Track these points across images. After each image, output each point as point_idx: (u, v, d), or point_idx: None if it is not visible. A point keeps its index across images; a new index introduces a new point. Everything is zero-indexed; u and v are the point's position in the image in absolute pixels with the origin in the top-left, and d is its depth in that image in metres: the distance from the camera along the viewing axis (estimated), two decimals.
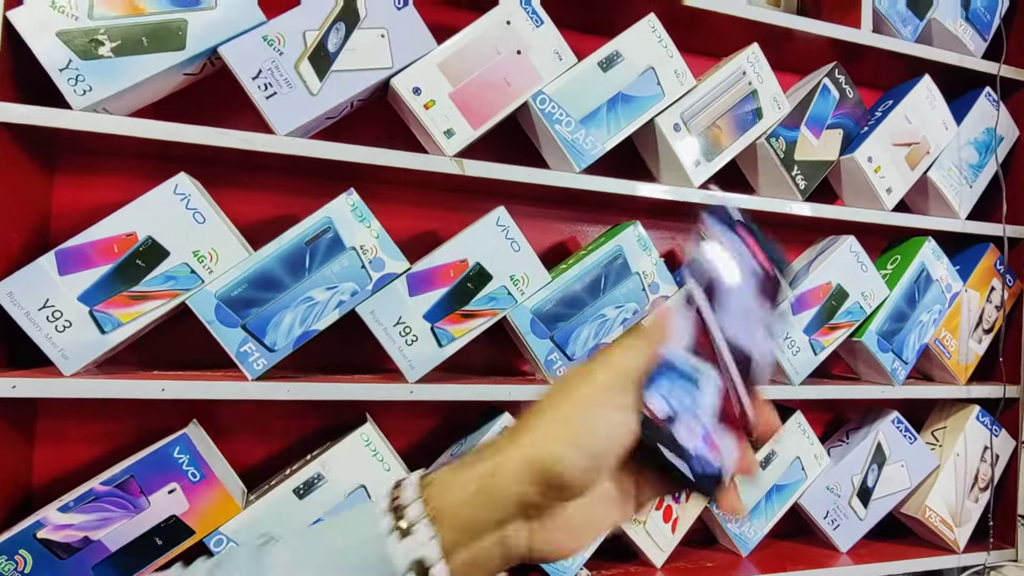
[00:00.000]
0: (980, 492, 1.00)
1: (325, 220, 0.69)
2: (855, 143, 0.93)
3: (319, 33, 0.69)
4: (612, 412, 0.30)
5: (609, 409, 0.30)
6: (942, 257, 0.97)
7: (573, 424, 0.30)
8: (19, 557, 0.62)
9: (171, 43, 0.65)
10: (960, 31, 0.99)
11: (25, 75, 0.65)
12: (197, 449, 0.67)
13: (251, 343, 0.68)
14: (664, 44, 0.81)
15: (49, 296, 0.63)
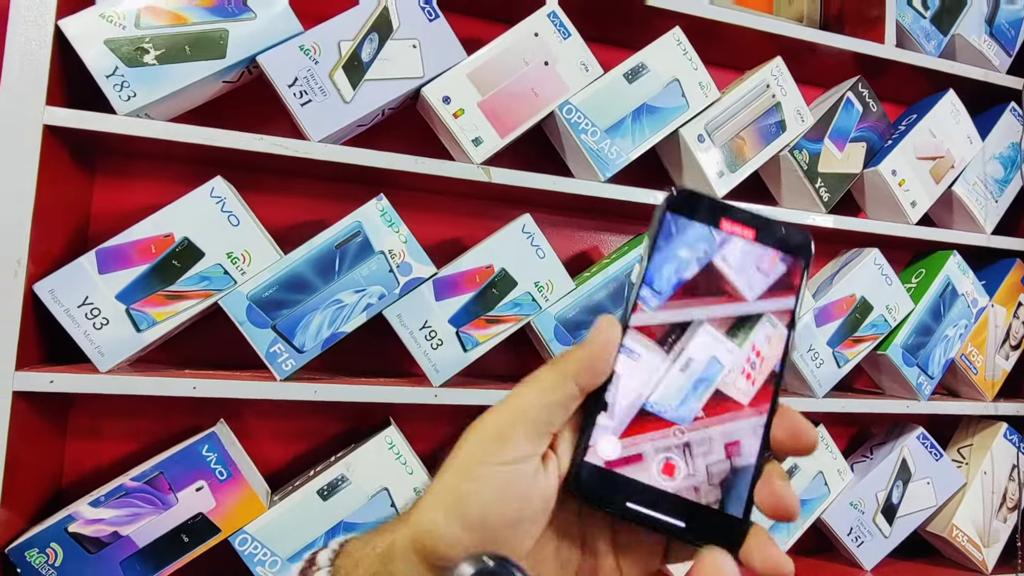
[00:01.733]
0: (1009, 512, 0.98)
1: (355, 224, 0.71)
2: (879, 156, 0.93)
3: (353, 43, 0.71)
4: (498, 470, 0.24)
5: (493, 466, 0.24)
6: (968, 271, 0.96)
7: (452, 490, 0.24)
8: (50, 550, 0.63)
9: (212, 52, 0.67)
10: (984, 47, 0.99)
11: (70, 81, 0.67)
12: (225, 448, 0.68)
13: (280, 344, 0.69)
14: (689, 57, 0.82)
15: (88, 294, 0.64)
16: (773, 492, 0.25)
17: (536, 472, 0.24)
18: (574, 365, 0.25)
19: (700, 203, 0.28)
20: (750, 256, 0.28)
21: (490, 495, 0.23)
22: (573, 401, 0.25)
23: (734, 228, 0.28)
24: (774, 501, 0.24)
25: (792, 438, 0.25)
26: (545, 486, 0.24)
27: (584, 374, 0.25)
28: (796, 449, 0.25)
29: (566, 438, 0.26)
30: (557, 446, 0.26)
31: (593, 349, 0.25)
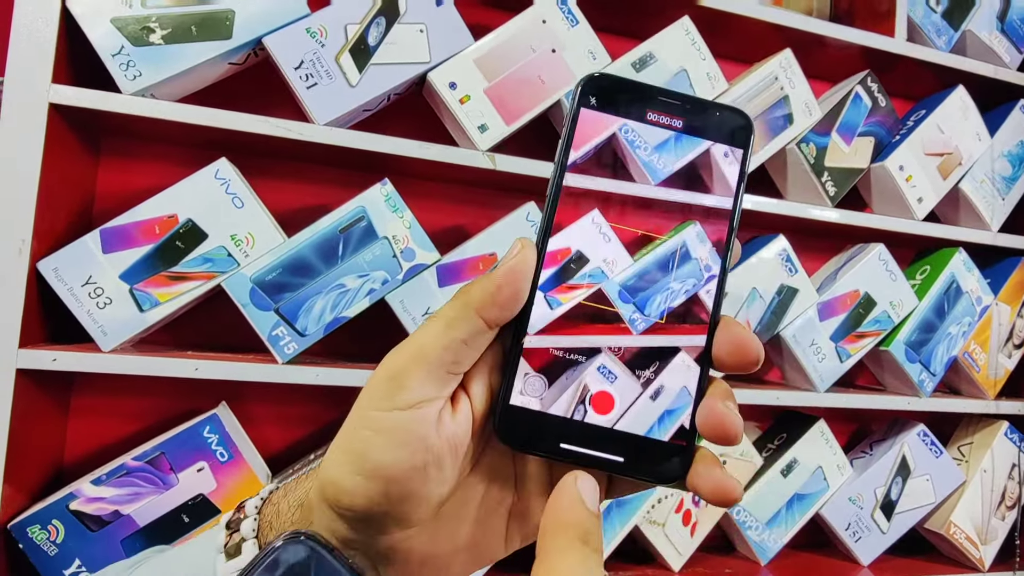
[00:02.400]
0: (1007, 510, 0.98)
1: (359, 209, 0.71)
2: (886, 151, 0.93)
3: (360, 26, 0.71)
4: (394, 415, 0.22)
5: (388, 412, 0.22)
6: (973, 269, 0.96)
7: (349, 438, 0.22)
8: (52, 527, 0.63)
9: (218, 32, 0.67)
10: (995, 43, 0.99)
11: (76, 60, 0.67)
12: (226, 430, 0.68)
13: (283, 327, 0.69)
14: (697, 47, 0.81)
15: (92, 273, 0.64)
16: (711, 413, 0.23)
17: (441, 416, 0.22)
18: (478, 296, 0.22)
19: (618, 91, 0.24)
20: (681, 150, 0.24)
21: (387, 442, 0.21)
22: (480, 337, 0.22)
23: (660, 118, 0.24)
24: (712, 423, 0.22)
25: (735, 352, 0.23)
26: (453, 431, 0.22)
27: (489, 306, 0.22)
28: (740, 364, 0.23)
29: (481, 376, 0.24)
30: (470, 385, 0.23)
31: (498, 277, 0.22)
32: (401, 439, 0.22)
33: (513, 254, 0.23)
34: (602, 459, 0.23)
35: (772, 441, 0.96)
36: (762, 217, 0.89)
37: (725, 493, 0.22)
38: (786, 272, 0.86)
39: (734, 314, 0.84)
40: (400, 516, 0.23)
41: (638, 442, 0.23)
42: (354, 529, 0.23)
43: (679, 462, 0.23)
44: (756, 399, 0.85)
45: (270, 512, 0.26)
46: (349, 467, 0.22)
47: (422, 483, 0.22)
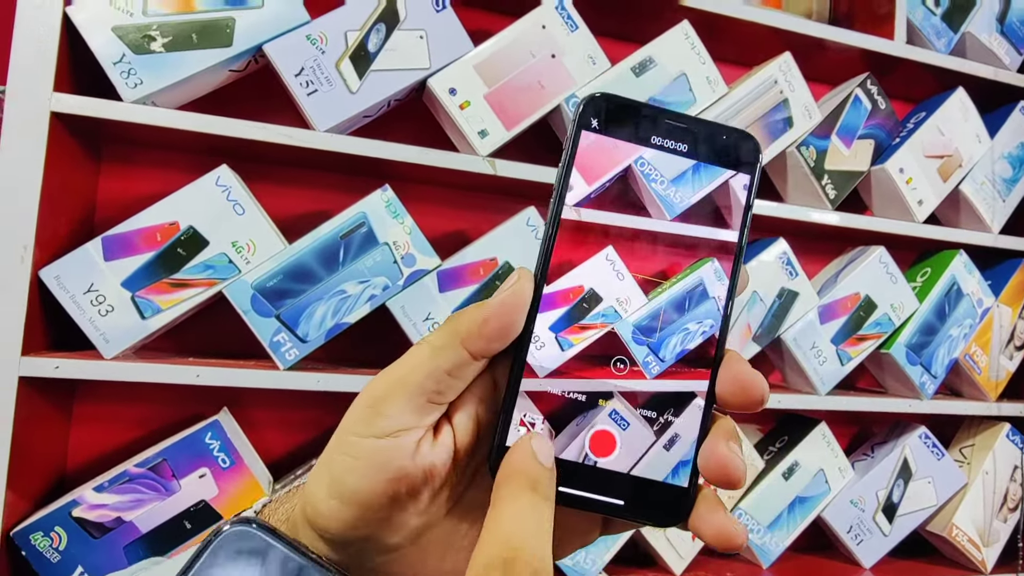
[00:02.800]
0: (1009, 512, 0.98)
1: (360, 215, 0.71)
2: (886, 154, 0.93)
3: (360, 33, 0.71)
4: (371, 443, 0.21)
5: (366, 438, 0.21)
6: (974, 271, 0.96)
7: (329, 462, 0.22)
8: (55, 534, 0.64)
9: (219, 40, 0.67)
10: (995, 45, 0.99)
11: (77, 68, 0.67)
12: (228, 436, 0.69)
13: (284, 333, 0.69)
14: (697, 51, 0.81)
15: (94, 280, 0.65)
16: (713, 455, 0.22)
17: (419, 446, 0.22)
18: (465, 326, 0.22)
19: (620, 114, 0.23)
20: (688, 177, 0.23)
21: (362, 469, 0.21)
22: (466, 368, 0.22)
23: (665, 143, 0.23)
24: (714, 466, 0.22)
25: (739, 392, 0.22)
26: (431, 461, 0.22)
27: (476, 338, 0.21)
28: (744, 404, 0.22)
29: (468, 406, 0.23)
30: (455, 415, 0.23)
31: (487, 309, 0.22)
32: (376, 466, 0.21)
33: (508, 286, 0.22)
34: (602, 502, 0.22)
35: (773, 444, 0.96)
36: (762, 220, 0.89)
37: (729, 538, 0.21)
38: (786, 275, 0.86)
39: (735, 318, 0.84)
40: (377, 541, 0.22)
41: (638, 485, 0.22)
42: (335, 550, 0.23)
43: (681, 504, 0.22)
44: None
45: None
46: (326, 490, 0.22)
47: (397, 510, 0.22)
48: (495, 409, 0.24)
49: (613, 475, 0.22)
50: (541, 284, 0.23)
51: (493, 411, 0.24)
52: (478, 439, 0.24)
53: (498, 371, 0.24)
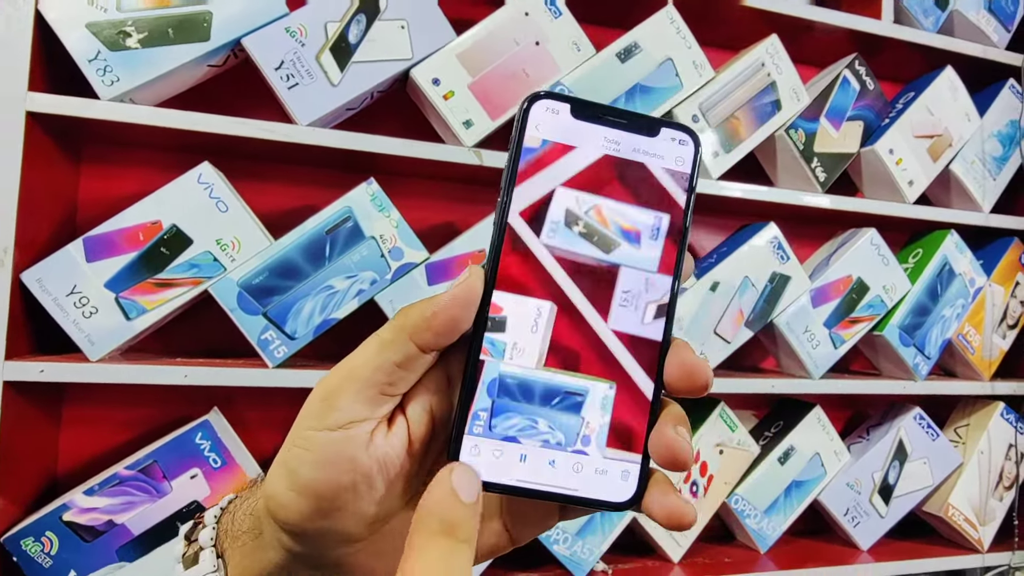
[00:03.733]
0: (1005, 491, 0.98)
1: (345, 210, 0.70)
2: (876, 135, 0.92)
3: (340, 24, 0.70)
4: (324, 435, 0.22)
5: (319, 431, 0.22)
6: (965, 251, 0.95)
7: (285, 455, 0.23)
8: (46, 539, 0.63)
9: (196, 34, 0.66)
10: (983, 22, 0.98)
11: (53, 66, 0.66)
12: (218, 436, 0.68)
13: (272, 331, 0.68)
14: (683, 35, 0.80)
15: (77, 282, 0.64)
16: (662, 439, 0.23)
17: (372, 437, 0.22)
18: (413, 320, 0.22)
19: (565, 111, 0.24)
20: (631, 169, 0.24)
21: (316, 460, 0.22)
22: (416, 361, 0.22)
23: (608, 137, 0.24)
24: (663, 450, 0.22)
25: (685, 377, 0.23)
26: (385, 452, 0.22)
27: (423, 331, 0.22)
28: (690, 389, 0.23)
29: (422, 398, 0.23)
30: (408, 407, 0.23)
31: (436, 303, 0.22)
32: (329, 458, 0.22)
33: (458, 282, 0.22)
34: (557, 492, 0.23)
35: (769, 429, 0.95)
36: (752, 205, 0.89)
37: (680, 518, 0.22)
38: (778, 260, 0.86)
39: (726, 303, 0.83)
40: (337, 532, 0.23)
41: (592, 471, 0.23)
42: (296, 542, 0.23)
43: (634, 488, 0.23)
44: (752, 387, 0.85)
45: (227, 521, 0.26)
46: (284, 482, 0.22)
47: (353, 501, 0.22)
48: (450, 400, 0.24)
49: (566, 463, 0.23)
50: (492, 281, 0.23)
51: (448, 402, 0.24)
52: (434, 429, 0.24)
53: (452, 363, 0.24)
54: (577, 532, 0.80)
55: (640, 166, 0.24)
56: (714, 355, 0.83)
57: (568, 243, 0.24)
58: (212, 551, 0.25)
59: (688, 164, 0.24)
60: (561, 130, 0.24)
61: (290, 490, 0.22)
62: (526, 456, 0.23)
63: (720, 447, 0.86)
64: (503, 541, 0.25)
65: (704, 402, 0.90)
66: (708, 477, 0.86)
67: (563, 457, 0.23)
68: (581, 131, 0.24)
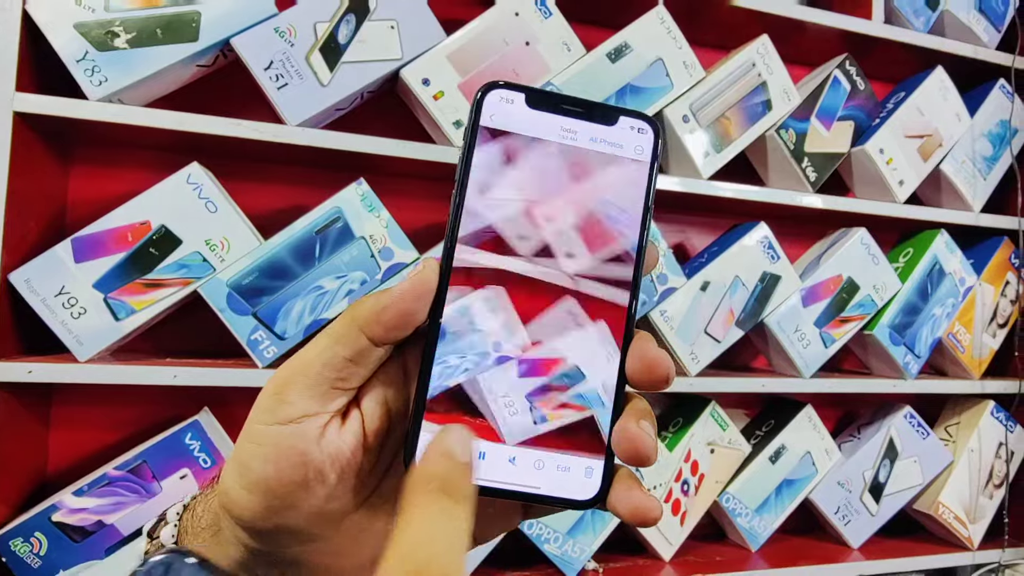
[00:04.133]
0: (995, 489, 0.99)
1: (335, 210, 0.70)
2: (866, 135, 0.92)
3: (330, 25, 0.70)
4: (275, 430, 0.21)
5: (270, 425, 0.22)
6: (956, 250, 0.96)
7: (237, 451, 0.22)
8: (35, 539, 0.63)
9: (185, 35, 0.66)
10: (973, 22, 0.98)
11: (42, 67, 0.66)
12: (208, 436, 0.68)
13: (262, 331, 0.68)
14: (673, 35, 0.81)
15: (65, 283, 0.64)
16: (625, 434, 0.22)
17: (324, 432, 0.22)
18: (364, 313, 0.21)
19: (520, 101, 0.23)
20: (589, 159, 0.23)
21: (266, 456, 0.21)
22: (368, 354, 0.22)
23: (565, 126, 0.23)
24: (626, 445, 0.22)
25: (645, 370, 0.23)
26: (338, 447, 0.22)
27: (374, 324, 0.21)
28: (651, 382, 0.23)
29: (376, 392, 0.23)
30: (363, 401, 0.23)
31: (387, 296, 0.22)
32: (279, 453, 0.21)
33: (411, 274, 0.22)
34: (519, 491, 0.22)
35: (760, 428, 0.96)
36: (743, 204, 0.89)
37: (644, 513, 0.22)
38: (768, 259, 0.86)
39: (717, 303, 0.84)
40: (291, 529, 0.22)
41: (555, 468, 0.22)
42: (253, 538, 0.23)
43: (598, 485, 0.22)
44: (742, 387, 0.86)
45: (188, 518, 0.26)
46: (236, 478, 0.22)
47: (305, 497, 0.22)
48: (406, 394, 0.24)
49: (527, 460, 0.22)
50: (447, 274, 0.22)
51: (403, 398, 0.24)
52: (390, 424, 0.24)
53: (408, 356, 0.24)
54: (568, 531, 0.80)
55: (598, 155, 0.24)
56: (705, 354, 0.83)
57: (525, 235, 0.23)
58: (172, 547, 0.25)
59: (648, 153, 0.24)
60: (516, 120, 0.23)
61: (241, 486, 0.22)
62: (485, 454, 0.22)
63: (711, 446, 0.87)
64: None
65: (695, 401, 0.90)
66: (699, 476, 0.86)
67: (523, 454, 0.22)
68: (537, 120, 0.23)
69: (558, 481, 0.22)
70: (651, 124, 0.24)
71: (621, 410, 0.23)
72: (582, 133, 0.24)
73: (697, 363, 0.83)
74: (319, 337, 0.22)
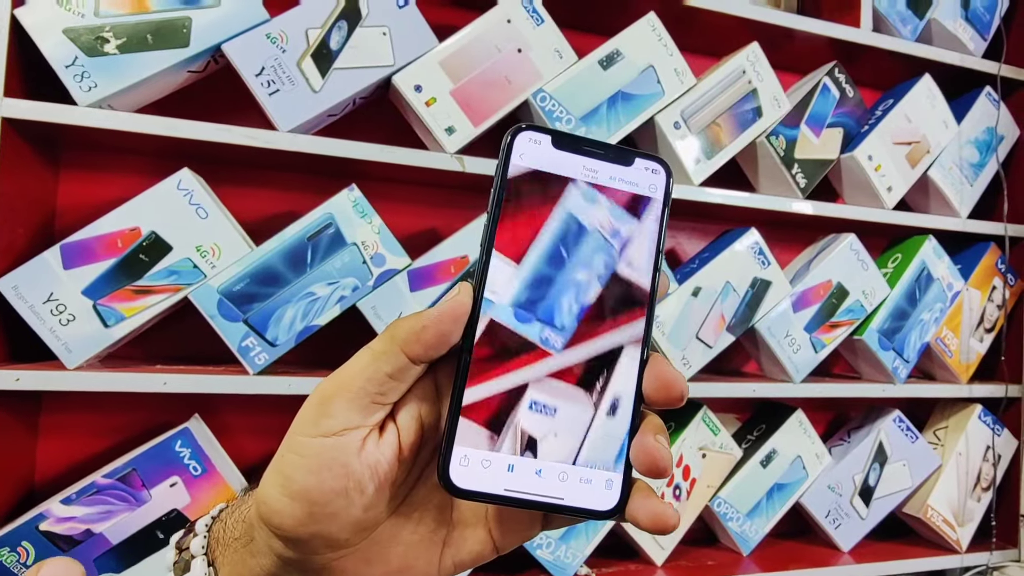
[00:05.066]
0: (983, 492, 1.00)
1: (327, 216, 0.70)
2: (855, 142, 0.93)
3: (321, 31, 0.70)
4: (318, 441, 0.23)
5: (313, 438, 0.23)
6: (943, 256, 0.97)
7: (279, 461, 0.23)
8: (22, 549, 0.62)
9: (175, 40, 0.66)
10: (960, 31, 1.00)
11: (31, 72, 0.66)
12: (199, 443, 0.68)
13: (253, 337, 0.68)
14: (664, 43, 0.81)
15: (53, 290, 0.63)
16: (644, 449, 0.24)
17: (364, 444, 0.23)
18: (404, 332, 0.23)
19: (547, 143, 0.25)
20: (609, 196, 0.26)
21: (310, 466, 0.22)
22: (407, 371, 0.23)
23: (587, 166, 0.26)
24: (645, 458, 0.24)
25: (662, 389, 0.24)
26: (376, 459, 0.23)
27: (413, 343, 0.23)
28: (667, 400, 0.24)
29: (411, 407, 0.24)
30: (399, 415, 0.24)
31: (426, 318, 0.23)
32: (323, 464, 0.23)
33: (448, 297, 0.23)
34: (544, 501, 0.24)
35: (751, 432, 0.96)
36: (734, 210, 0.90)
37: (663, 521, 0.23)
38: (759, 265, 0.87)
39: (708, 308, 0.84)
40: (328, 537, 0.23)
41: (578, 481, 0.24)
42: (288, 547, 0.24)
43: (617, 496, 0.24)
44: (734, 391, 0.86)
45: (218, 529, 0.26)
46: (278, 488, 0.23)
47: (345, 506, 0.23)
48: (438, 409, 0.25)
49: (553, 473, 0.24)
50: (480, 298, 0.24)
51: (436, 411, 0.25)
52: (423, 437, 0.25)
53: (440, 374, 0.25)
54: (561, 537, 0.80)
55: (617, 192, 0.26)
56: (696, 360, 0.84)
57: (551, 265, 0.25)
58: (204, 559, 0.26)
59: (660, 191, 0.26)
60: (543, 159, 0.25)
61: (284, 495, 0.23)
62: (514, 466, 0.23)
63: (703, 451, 0.87)
64: (487, 549, 0.26)
65: (687, 406, 0.90)
66: (691, 480, 0.86)
67: (549, 467, 0.24)
68: (562, 160, 0.25)
69: (581, 492, 0.24)
70: (663, 166, 0.26)
71: (638, 426, 0.25)
72: (602, 172, 0.26)
73: (689, 368, 0.84)
74: (360, 354, 0.24)
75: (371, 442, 0.23)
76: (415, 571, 0.25)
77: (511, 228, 0.25)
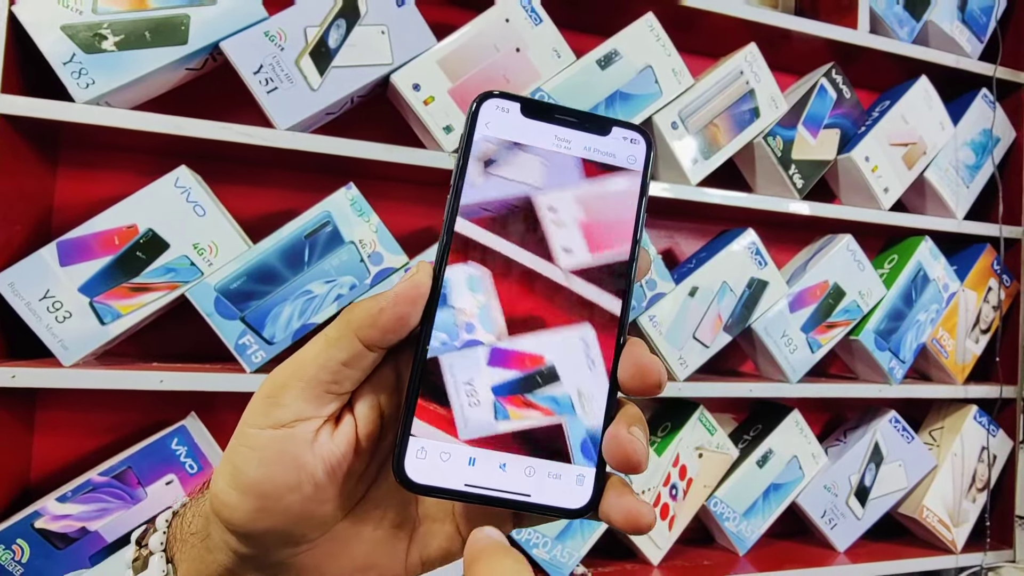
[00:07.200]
0: (978, 492, 1.00)
1: (324, 214, 0.70)
2: (852, 143, 0.94)
3: (320, 29, 0.70)
4: (268, 433, 0.21)
5: (263, 429, 0.21)
6: (939, 257, 0.97)
7: (230, 454, 0.22)
8: (16, 547, 0.62)
9: (173, 38, 0.66)
10: (956, 33, 1.00)
11: (29, 69, 0.65)
12: (195, 441, 0.68)
13: (250, 335, 0.68)
14: (662, 43, 0.81)
15: (50, 287, 0.63)
16: (617, 441, 0.22)
17: (318, 435, 0.22)
18: (359, 317, 0.21)
19: (515, 110, 0.23)
20: (582, 168, 0.24)
21: (260, 459, 0.21)
22: (362, 358, 0.22)
23: (559, 136, 0.24)
24: (617, 451, 0.22)
25: (637, 376, 0.22)
26: (331, 451, 0.22)
27: (368, 328, 0.21)
28: (643, 388, 0.22)
29: (369, 396, 0.23)
30: (356, 405, 0.23)
31: (383, 300, 0.21)
32: (273, 456, 0.21)
33: (406, 278, 0.22)
34: (507, 498, 0.22)
35: (747, 432, 0.97)
36: (731, 211, 0.90)
37: (638, 520, 0.21)
38: (756, 265, 0.87)
39: (705, 308, 0.84)
40: (282, 532, 0.22)
41: (545, 476, 0.22)
42: (242, 543, 0.22)
43: (590, 493, 0.22)
44: (730, 391, 0.86)
45: (177, 525, 0.25)
46: (228, 481, 0.22)
47: (298, 501, 0.22)
48: (398, 399, 0.24)
49: (518, 467, 0.22)
50: (440, 279, 0.22)
51: (396, 402, 0.24)
52: (382, 428, 0.24)
53: (401, 360, 0.24)
54: (557, 536, 0.80)
55: (591, 164, 0.24)
56: (693, 359, 0.84)
57: (519, 242, 0.23)
58: (162, 556, 0.25)
59: (640, 163, 0.24)
60: (512, 128, 0.23)
61: (234, 489, 0.21)
62: (475, 459, 0.22)
63: (699, 450, 0.87)
64: (455, 546, 0.24)
65: (684, 406, 0.90)
66: (687, 480, 0.87)
67: (514, 460, 0.22)
68: (532, 130, 0.23)
69: (549, 489, 0.22)
70: (643, 135, 0.24)
71: (613, 416, 0.23)
72: (576, 142, 0.24)
73: (685, 368, 0.84)
74: (313, 341, 0.22)
75: (325, 433, 0.22)
76: (380, 568, 0.24)
77: (475, 204, 0.23)
